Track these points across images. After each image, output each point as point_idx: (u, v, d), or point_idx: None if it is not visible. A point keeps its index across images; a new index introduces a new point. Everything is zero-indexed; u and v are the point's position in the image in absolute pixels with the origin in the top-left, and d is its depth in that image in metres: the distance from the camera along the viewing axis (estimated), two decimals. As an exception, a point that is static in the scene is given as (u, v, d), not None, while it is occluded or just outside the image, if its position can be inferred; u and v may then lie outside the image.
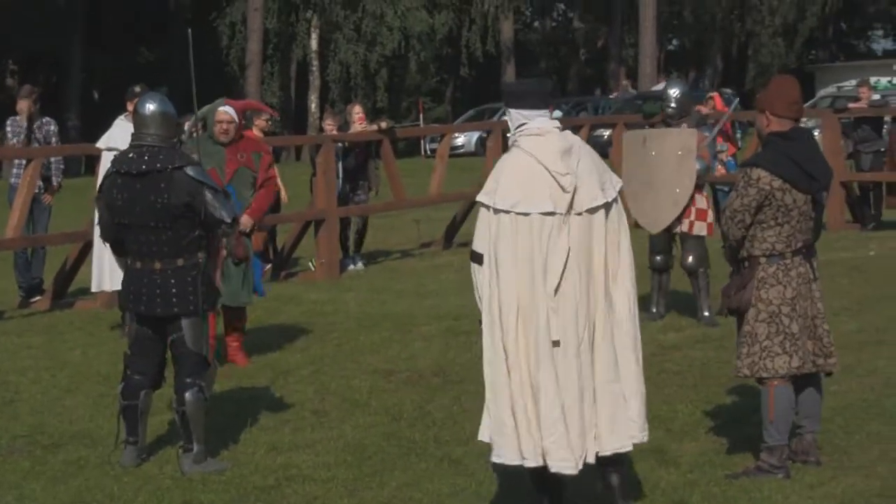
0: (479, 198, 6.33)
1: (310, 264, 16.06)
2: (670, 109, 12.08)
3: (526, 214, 6.16)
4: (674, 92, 12.18)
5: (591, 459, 6.24)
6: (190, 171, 7.66)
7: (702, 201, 11.54)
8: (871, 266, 14.49)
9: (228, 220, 7.68)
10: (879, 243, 16.36)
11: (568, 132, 6.39)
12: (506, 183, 6.23)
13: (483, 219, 6.30)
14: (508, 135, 6.53)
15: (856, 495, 6.78)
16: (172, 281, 7.62)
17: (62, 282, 13.83)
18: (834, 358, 7.35)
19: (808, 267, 7.25)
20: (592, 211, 6.24)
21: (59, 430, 8.66)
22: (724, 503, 6.71)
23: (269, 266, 15.68)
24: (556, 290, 6.15)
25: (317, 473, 7.51)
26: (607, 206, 6.29)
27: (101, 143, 12.23)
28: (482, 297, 6.31)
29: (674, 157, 11.18)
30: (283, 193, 15.70)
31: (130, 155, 7.73)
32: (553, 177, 6.18)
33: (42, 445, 8.29)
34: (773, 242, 7.16)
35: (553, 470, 6.22)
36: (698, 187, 11.49)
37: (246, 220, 10.06)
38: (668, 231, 11.60)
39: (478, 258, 6.29)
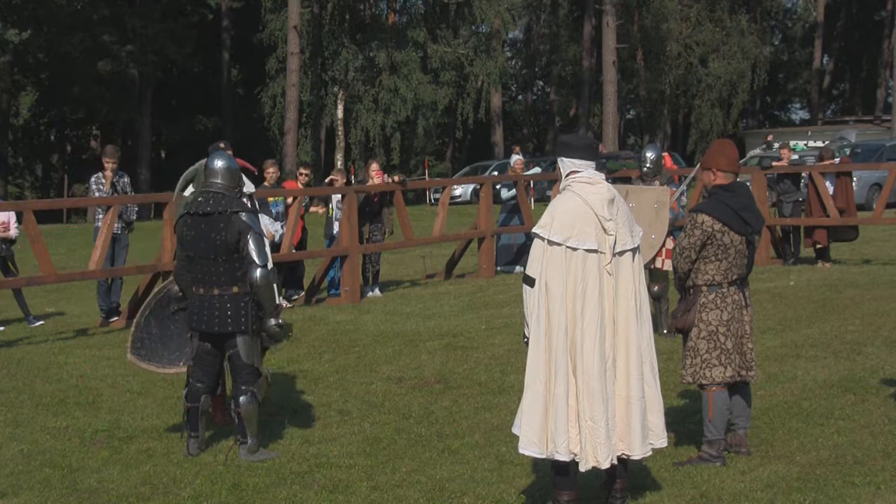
0: (534, 230, 6.05)
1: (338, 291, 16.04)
2: (646, 169, 12.04)
3: (574, 249, 5.96)
4: (650, 155, 12.17)
5: (615, 461, 6.00)
6: (244, 216, 7.65)
7: (670, 244, 11.53)
8: (791, 294, 14.47)
9: (259, 262, 7.56)
10: (798, 275, 16.34)
11: (611, 185, 6.20)
12: (560, 220, 5.99)
13: (537, 247, 6.00)
14: (559, 184, 6.24)
15: (779, 479, 6.76)
16: (228, 305, 7.60)
17: (135, 305, 13.79)
18: (754, 371, 7.32)
19: (742, 295, 7.23)
20: (622, 253, 6.08)
21: (133, 425, 8.65)
22: (672, 486, 6.70)
23: (302, 293, 15.70)
24: (592, 315, 5.94)
25: (341, 461, 7.49)
26: (634, 250, 6.14)
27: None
28: (531, 314, 6.01)
29: (651, 209, 11.12)
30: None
31: (199, 199, 7.75)
32: (599, 220, 6.01)
33: (118, 438, 8.29)
34: (713, 274, 7.14)
35: (589, 465, 5.95)
36: (668, 233, 11.49)
37: None
38: (645, 267, 11.58)
39: (530, 281, 5.99)
